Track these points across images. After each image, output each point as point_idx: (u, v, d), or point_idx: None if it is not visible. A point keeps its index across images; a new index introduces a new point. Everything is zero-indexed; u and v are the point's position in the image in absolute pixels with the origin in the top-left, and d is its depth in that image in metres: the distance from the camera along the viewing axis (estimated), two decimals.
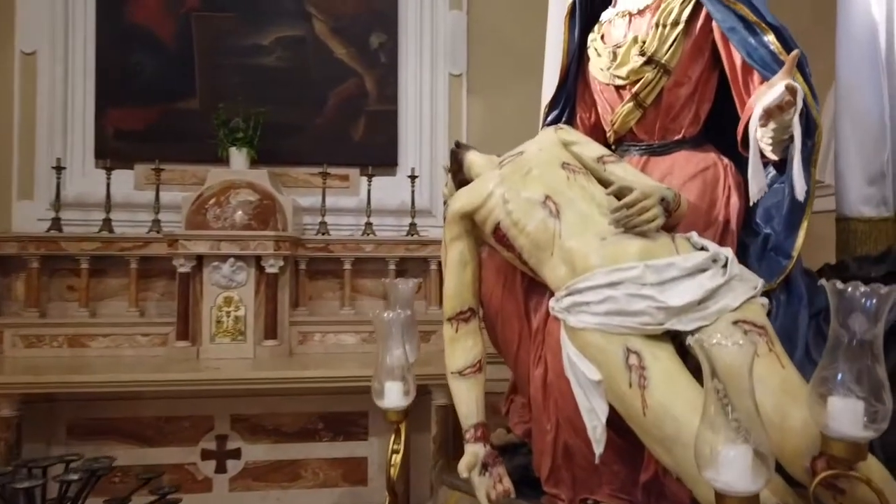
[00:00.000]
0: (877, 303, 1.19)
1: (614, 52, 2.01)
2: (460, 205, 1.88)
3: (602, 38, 2.10)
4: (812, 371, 1.60)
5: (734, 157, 1.94)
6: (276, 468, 3.27)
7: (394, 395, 1.75)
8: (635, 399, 1.43)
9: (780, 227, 1.79)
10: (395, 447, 1.76)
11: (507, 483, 1.72)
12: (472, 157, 2.07)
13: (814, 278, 1.81)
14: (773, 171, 1.87)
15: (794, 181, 1.62)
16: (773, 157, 1.73)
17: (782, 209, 1.78)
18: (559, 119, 2.23)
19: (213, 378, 2.99)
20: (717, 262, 1.55)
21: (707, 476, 1.06)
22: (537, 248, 1.73)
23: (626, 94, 2.01)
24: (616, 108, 2.05)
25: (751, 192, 1.69)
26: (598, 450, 1.52)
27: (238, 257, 3.30)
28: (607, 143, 2.14)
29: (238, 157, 3.51)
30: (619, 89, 2.03)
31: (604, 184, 1.82)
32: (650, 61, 1.93)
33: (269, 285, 3.34)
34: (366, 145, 3.84)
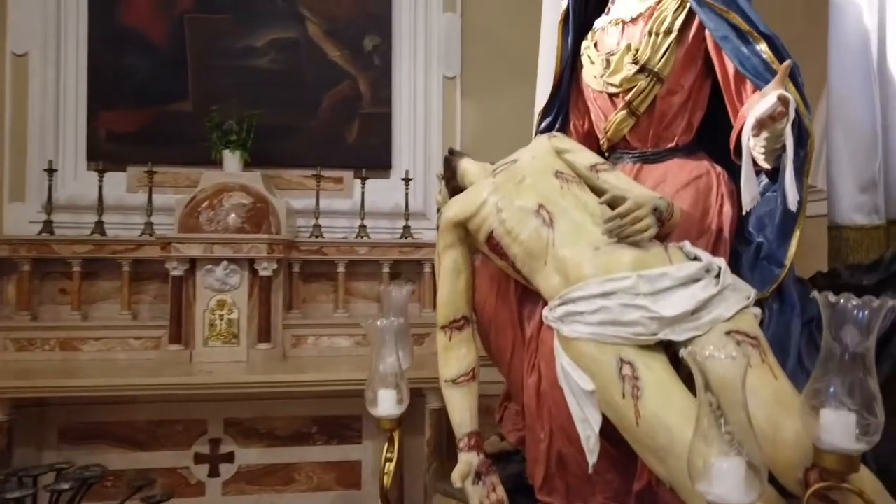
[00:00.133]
0: (868, 315, 1.20)
1: (607, 60, 2.01)
2: (454, 213, 1.88)
3: (595, 46, 2.10)
4: (804, 379, 1.61)
5: (727, 165, 1.94)
6: (269, 472, 3.27)
7: (387, 403, 1.74)
8: (628, 409, 1.43)
9: (773, 235, 1.79)
10: (389, 455, 1.76)
11: (500, 492, 1.73)
12: (466, 165, 2.07)
13: (806, 286, 1.82)
14: (765, 179, 1.87)
15: (786, 191, 1.63)
16: (765, 165, 1.73)
17: (775, 218, 1.78)
18: (552, 126, 2.23)
19: (206, 382, 2.98)
20: (710, 273, 1.55)
21: (700, 489, 1.07)
22: (531, 257, 1.73)
23: (619, 101, 2.01)
24: (609, 115, 2.05)
25: (743, 202, 1.70)
26: (592, 459, 1.52)
27: (231, 260, 3.29)
28: (601, 151, 2.14)
29: (231, 159, 3.49)
30: (612, 97, 2.03)
31: (597, 192, 1.82)
32: (643, 69, 1.93)
33: (263, 288, 3.33)
34: (360, 148, 3.82)
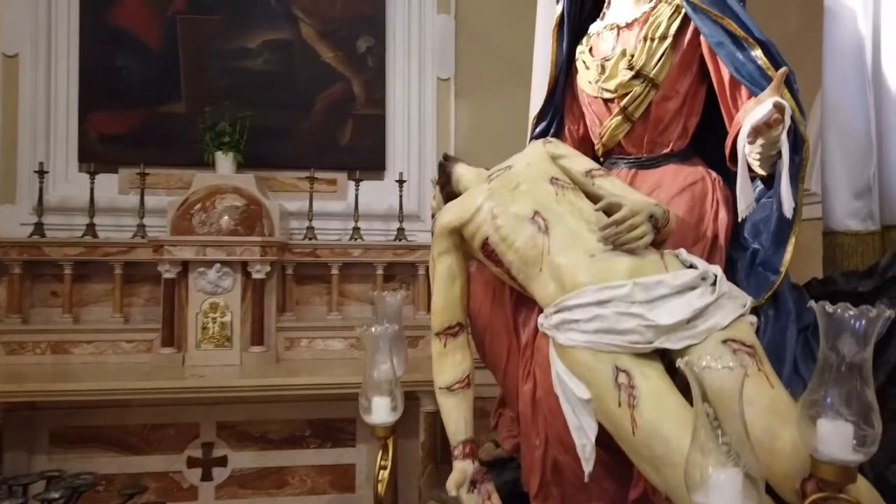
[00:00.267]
0: (865, 325, 1.19)
1: (602, 66, 2.01)
2: (448, 219, 1.87)
3: (590, 51, 2.10)
4: (801, 387, 1.62)
5: (722, 171, 1.94)
6: (262, 475, 3.25)
7: (381, 410, 1.73)
8: (624, 418, 1.42)
9: (768, 242, 1.79)
10: (383, 463, 1.75)
11: (495, 501, 1.72)
12: (461, 170, 2.06)
13: (802, 293, 1.82)
14: (760, 185, 1.87)
15: (781, 199, 1.62)
16: (761, 171, 1.73)
17: (770, 224, 1.78)
18: (547, 131, 2.22)
19: (198, 386, 2.97)
20: (706, 280, 1.54)
21: (697, 500, 1.07)
22: (526, 265, 1.72)
23: (614, 107, 2.01)
24: (604, 121, 2.05)
25: (739, 209, 1.70)
26: (588, 468, 1.52)
27: (224, 263, 3.27)
28: (596, 156, 2.14)
29: (224, 161, 3.48)
30: (607, 102, 2.03)
31: (592, 198, 1.82)
32: (638, 75, 1.92)
33: (256, 291, 3.32)
34: (353, 149, 3.81)
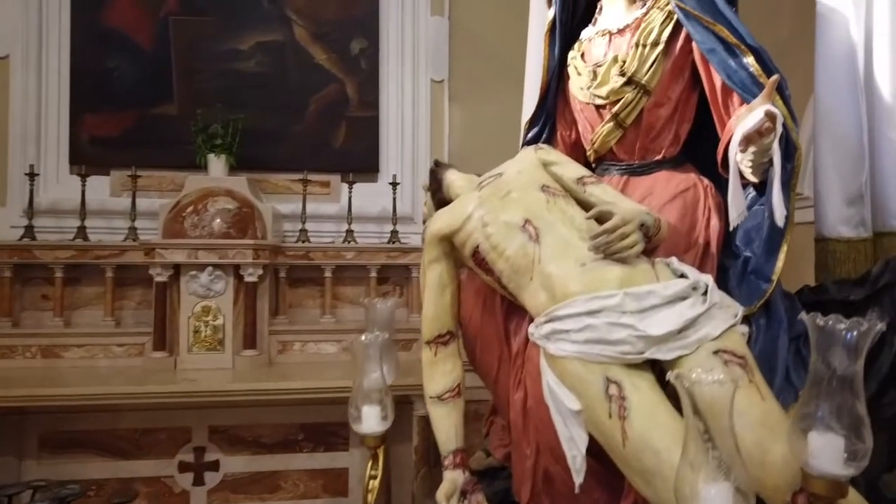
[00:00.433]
0: (857, 337, 1.18)
1: (594, 72, 2.00)
2: (439, 227, 1.86)
3: (582, 57, 2.09)
4: (792, 396, 1.62)
5: (714, 177, 1.93)
6: (255, 480, 3.23)
7: (371, 420, 1.72)
8: (615, 430, 1.42)
9: (760, 250, 1.78)
10: (373, 472, 1.74)
11: None
12: (452, 177, 2.05)
13: (794, 301, 1.81)
14: (752, 192, 1.86)
15: (773, 207, 1.61)
16: (753, 179, 1.72)
17: (762, 232, 1.77)
18: (539, 136, 2.21)
19: (189, 391, 2.94)
20: (697, 290, 1.54)
21: None
22: (516, 273, 1.71)
23: (606, 113, 2.00)
24: (596, 127, 2.04)
25: (730, 217, 1.69)
26: (578, 479, 1.51)
27: (216, 266, 3.25)
28: (588, 162, 2.13)
29: (216, 163, 3.45)
30: (599, 109, 2.02)
31: (583, 205, 1.81)
32: (630, 81, 1.91)
33: (248, 294, 3.30)
34: (347, 152, 3.79)
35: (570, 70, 2.11)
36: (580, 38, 2.14)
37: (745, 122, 1.61)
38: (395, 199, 3.67)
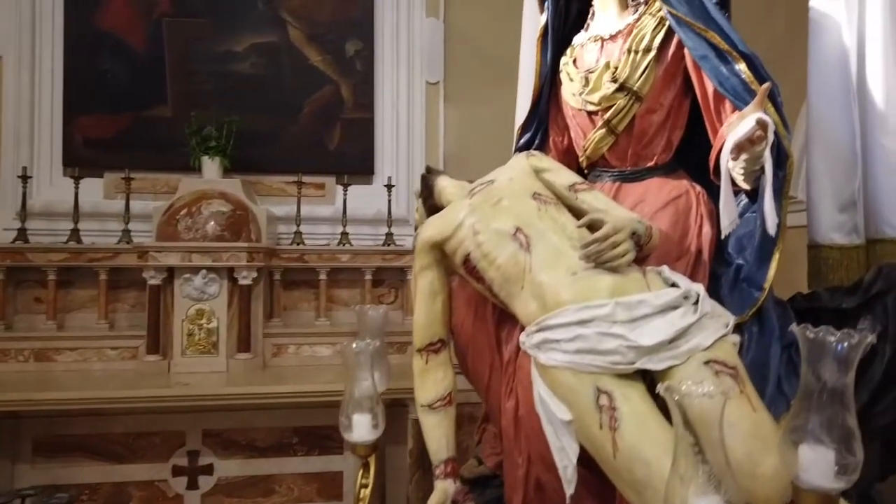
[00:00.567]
0: (847, 349, 1.18)
1: (586, 78, 1.99)
2: (430, 234, 1.85)
3: (574, 63, 2.08)
4: (784, 405, 1.61)
5: (707, 182, 1.92)
6: (249, 483, 3.23)
7: (362, 428, 1.71)
8: (606, 441, 1.41)
9: (752, 258, 1.77)
10: (364, 482, 1.73)
11: None
12: (443, 183, 2.04)
13: (786, 309, 1.80)
14: (744, 199, 1.86)
15: (765, 216, 1.61)
16: (745, 186, 1.71)
17: (754, 240, 1.77)
18: (532, 142, 2.20)
19: (182, 395, 2.93)
20: (689, 300, 1.53)
21: None
22: (507, 282, 1.71)
23: (598, 119, 1.99)
24: (588, 133, 2.03)
25: (722, 226, 1.68)
26: (570, 490, 1.50)
27: (210, 269, 3.24)
28: (580, 168, 2.12)
29: (210, 165, 3.44)
30: (591, 115, 2.01)
31: (575, 212, 1.80)
32: (622, 88, 1.91)
33: (243, 297, 3.29)
34: (341, 154, 3.78)
35: (563, 76, 2.10)
36: (572, 43, 2.13)
37: (736, 130, 1.60)
38: (389, 201, 3.65)
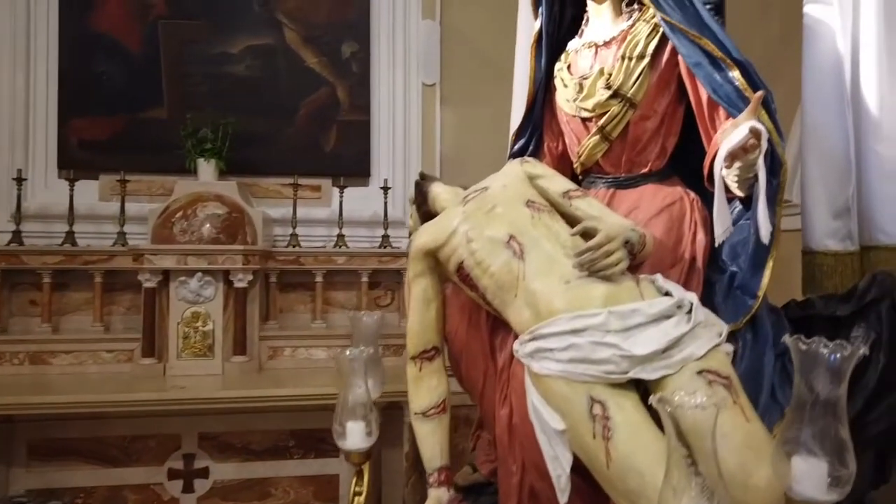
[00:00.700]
0: (840, 361, 1.18)
1: (580, 84, 1.99)
2: (423, 241, 1.85)
3: (569, 69, 2.07)
4: (778, 413, 1.61)
5: (700, 189, 1.92)
6: (245, 487, 3.21)
7: (356, 435, 1.71)
8: (599, 451, 1.41)
9: (746, 265, 1.77)
10: (357, 489, 1.73)
11: None
12: (437, 190, 2.04)
13: (780, 316, 1.80)
14: (738, 206, 1.86)
15: (759, 224, 1.60)
16: (739, 193, 1.71)
17: (748, 247, 1.76)
18: (526, 148, 2.20)
19: (178, 398, 2.93)
20: (682, 309, 1.53)
21: None
22: (501, 290, 1.70)
23: (592, 126, 1.99)
24: (582, 139, 2.03)
25: (716, 233, 1.67)
26: (563, 499, 1.50)
27: (206, 271, 3.23)
28: (574, 174, 2.12)
29: (206, 168, 3.43)
30: (585, 121, 2.01)
31: (569, 219, 1.80)
32: (616, 94, 1.90)
33: (238, 300, 3.28)
34: (338, 156, 3.77)
35: (557, 82, 2.10)
36: (567, 49, 2.13)
37: (729, 138, 1.60)
38: (386, 203, 3.65)
